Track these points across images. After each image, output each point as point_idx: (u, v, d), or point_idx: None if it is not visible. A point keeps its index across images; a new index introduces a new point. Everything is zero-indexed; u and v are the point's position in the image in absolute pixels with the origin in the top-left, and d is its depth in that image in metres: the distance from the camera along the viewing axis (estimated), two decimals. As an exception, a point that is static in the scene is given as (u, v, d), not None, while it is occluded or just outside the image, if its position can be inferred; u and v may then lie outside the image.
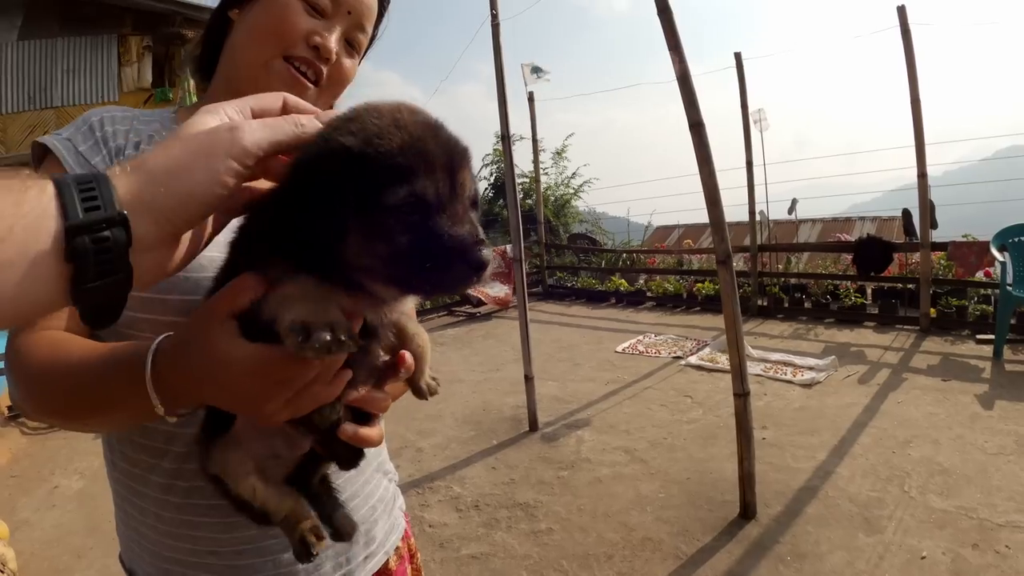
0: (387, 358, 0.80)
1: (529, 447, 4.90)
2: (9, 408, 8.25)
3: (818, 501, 3.70)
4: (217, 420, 0.79)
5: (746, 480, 3.61)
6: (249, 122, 0.63)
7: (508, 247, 9.95)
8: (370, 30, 1.19)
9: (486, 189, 17.29)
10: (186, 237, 0.63)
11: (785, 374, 5.99)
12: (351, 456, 0.82)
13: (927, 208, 7.05)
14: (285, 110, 0.70)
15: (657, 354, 7.22)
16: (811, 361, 6.24)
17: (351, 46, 1.15)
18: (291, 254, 0.64)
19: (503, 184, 15.78)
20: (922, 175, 6.98)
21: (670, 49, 3.69)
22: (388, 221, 0.61)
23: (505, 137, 5.49)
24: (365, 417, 0.81)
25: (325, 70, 1.11)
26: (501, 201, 16.25)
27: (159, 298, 0.91)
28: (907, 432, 4.51)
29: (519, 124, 19.06)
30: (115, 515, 1.13)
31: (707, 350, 7.05)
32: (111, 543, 4.31)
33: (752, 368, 6.17)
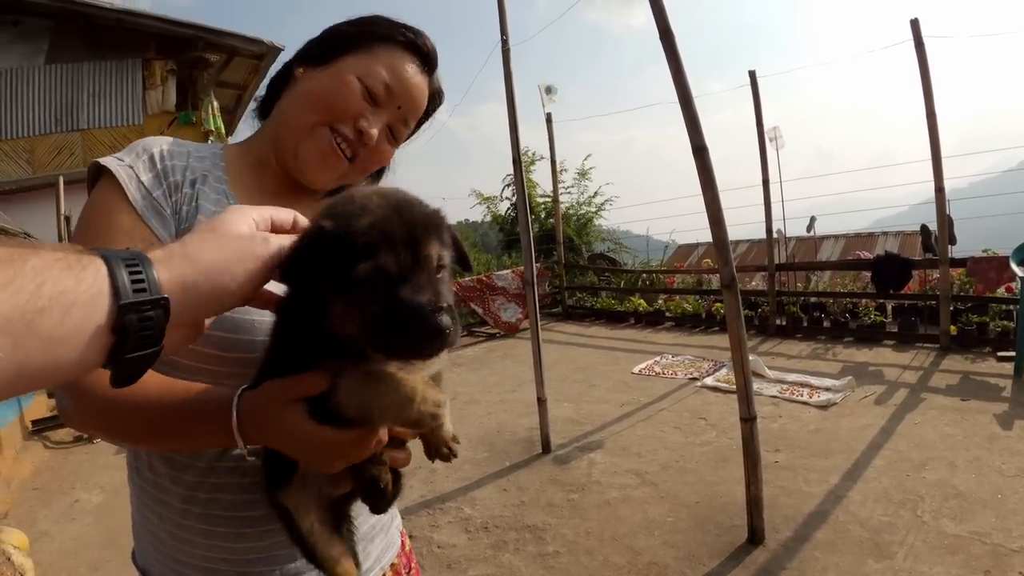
0: None
1: (541, 469, 4.90)
2: (33, 423, 8.41)
3: (828, 526, 3.65)
4: (281, 458, 0.88)
5: (753, 505, 3.57)
6: (279, 237, 0.76)
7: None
8: (413, 125, 1.26)
9: (508, 209, 17.37)
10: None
11: (801, 395, 5.93)
12: (382, 502, 0.93)
13: (945, 223, 6.99)
14: (295, 227, 0.82)
15: (674, 375, 7.19)
16: (828, 382, 6.17)
17: (392, 135, 1.22)
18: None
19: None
20: (939, 189, 6.93)
21: (673, 74, 3.71)
22: (360, 292, 0.70)
23: (516, 161, 5.52)
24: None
25: (362, 152, 1.18)
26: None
27: (221, 355, 1.00)
28: (923, 454, 4.45)
29: (540, 144, 19.14)
30: (133, 517, 1.19)
31: (723, 371, 7.01)
32: (127, 557, 4.40)
33: (768, 390, 6.14)
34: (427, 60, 1.22)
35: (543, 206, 15.72)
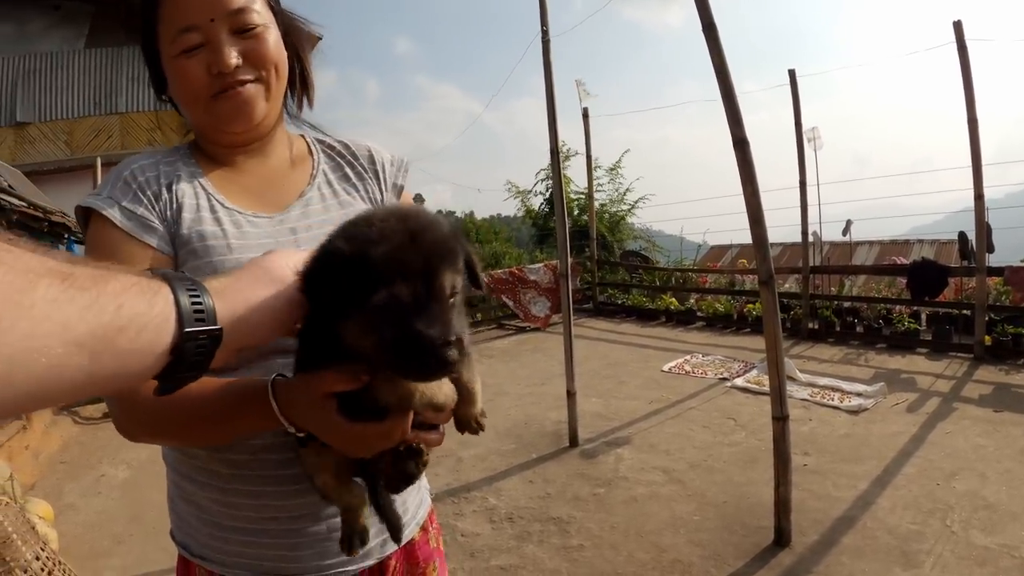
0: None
1: (568, 463, 4.94)
2: None
3: (856, 532, 3.65)
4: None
5: (781, 506, 3.58)
6: None
7: (558, 262, 10.04)
8: (255, 4, 1.16)
9: (541, 204, 17.47)
10: None
11: (832, 400, 5.91)
12: (402, 484, 1.01)
13: (983, 231, 6.90)
14: None
15: (704, 375, 7.19)
16: (860, 387, 6.14)
17: (245, 30, 1.15)
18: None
19: (558, 198, 15.92)
20: (979, 197, 6.84)
21: (715, 66, 3.70)
22: (374, 318, 0.74)
23: (554, 152, 5.54)
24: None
25: (249, 76, 1.16)
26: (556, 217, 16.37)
27: None
28: (953, 464, 4.42)
29: (574, 139, 19.11)
30: (169, 494, 1.26)
31: (754, 372, 6.99)
32: (151, 532, 4.49)
33: (799, 393, 6.11)
34: None
35: (576, 202, 15.73)
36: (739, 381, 6.73)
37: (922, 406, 5.64)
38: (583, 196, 15.00)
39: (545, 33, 5.43)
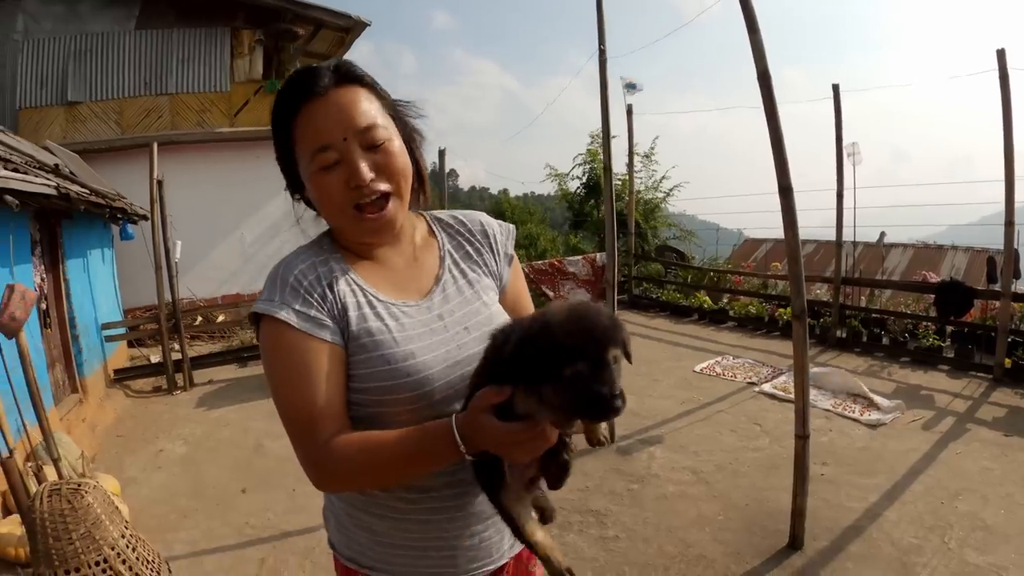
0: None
1: (605, 458, 5.39)
2: (115, 372, 8.98)
3: (862, 540, 4.07)
4: (490, 471, 1.24)
5: (797, 515, 4.01)
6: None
7: (598, 255, 10.41)
8: (379, 119, 1.31)
9: (577, 189, 17.55)
10: None
11: (853, 412, 6.29)
12: (562, 481, 1.28)
13: (1011, 257, 7.14)
14: None
15: (733, 378, 7.60)
16: (880, 400, 6.50)
17: (375, 146, 1.29)
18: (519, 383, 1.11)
19: (594, 184, 16.14)
20: (1009, 223, 7.04)
21: (766, 112, 3.97)
22: (565, 384, 1.03)
23: (607, 169, 5.91)
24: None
25: (383, 187, 1.31)
26: (592, 201, 16.57)
27: (393, 397, 1.29)
28: (959, 484, 4.76)
29: (614, 127, 19.05)
30: (338, 520, 1.47)
31: (782, 379, 7.36)
32: (214, 507, 4.97)
33: (822, 402, 6.49)
34: (323, 87, 1.27)
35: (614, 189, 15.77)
36: (767, 387, 7.13)
37: (937, 424, 5.97)
38: (619, 182, 15.08)
39: (603, 52, 5.71)
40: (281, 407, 1.26)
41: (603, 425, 1.36)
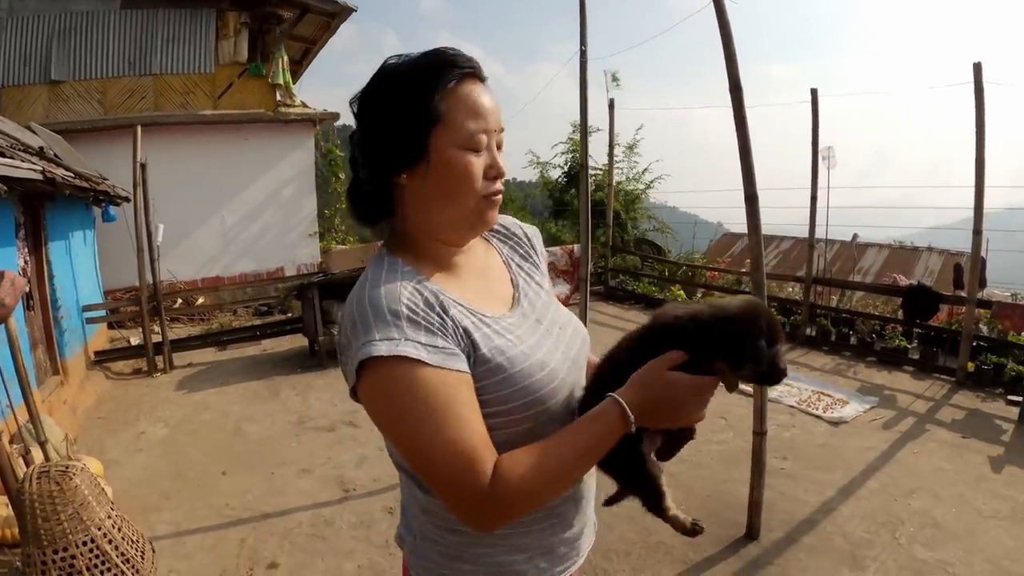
0: None
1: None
2: (96, 354, 8.98)
3: (815, 533, 4.24)
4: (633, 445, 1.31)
5: (754, 507, 4.19)
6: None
7: (575, 247, 10.55)
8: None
9: (559, 177, 17.60)
10: None
11: (817, 409, 6.49)
12: (678, 449, 1.44)
13: (978, 265, 7.33)
14: None
15: (702, 372, 7.68)
16: (843, 395, 6.72)
17: (499, 146, 1.31)
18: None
19: (575, 173, 16.23)
20: (977, 232, 7.19)
21: (736, 122, 4.08)
22: (762, 355, 1.21)
23: (584, 166, 5.99)
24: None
25: (502, 187, 1.32)
26: (573, 190, 16.63)
27: (534, 411, 1.25)
28: (913, 483, 4.93)
29: (595, 118, 19.08)
30: (424, 558, 1.37)
31: (749, 374, 7.47)
32: (195, 489, 5.11)
33: (787, 399, 6.68)
34: (480, 73, 1.27)
35: (593, 178, 15.69)
36: (735, 382, 7.23)
37: (897, 424, 6.16)
38: (599, 172, 15.13)
39: (584, 53, 5.79)
40: (426, 456, 1.11)
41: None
